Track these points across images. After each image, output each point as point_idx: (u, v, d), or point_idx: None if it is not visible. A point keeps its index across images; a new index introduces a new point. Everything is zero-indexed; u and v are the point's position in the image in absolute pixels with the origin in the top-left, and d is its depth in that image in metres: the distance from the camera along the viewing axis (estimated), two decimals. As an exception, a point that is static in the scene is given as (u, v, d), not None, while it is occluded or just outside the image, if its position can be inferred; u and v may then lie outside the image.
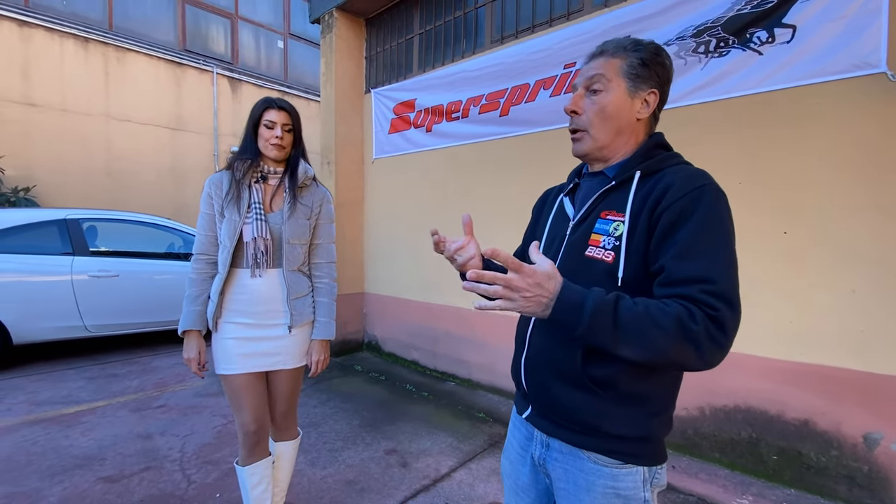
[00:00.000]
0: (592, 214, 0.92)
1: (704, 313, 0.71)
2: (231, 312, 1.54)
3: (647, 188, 0.85)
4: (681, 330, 0.70)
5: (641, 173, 0.88)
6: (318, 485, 2.24)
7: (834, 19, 2.08)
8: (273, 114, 1.52)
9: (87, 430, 2.76)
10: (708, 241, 0.76)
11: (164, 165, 7.04)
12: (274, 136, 1.52)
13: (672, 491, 2.24)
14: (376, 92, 4.47)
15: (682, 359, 0.72)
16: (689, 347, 0.70)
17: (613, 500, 0.88)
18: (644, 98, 0.90)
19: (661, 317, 0.71)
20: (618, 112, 0.90)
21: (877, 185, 2.03)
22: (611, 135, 0.91)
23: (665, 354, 0.71)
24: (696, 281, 0.73)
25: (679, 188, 0.80)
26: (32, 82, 5.91)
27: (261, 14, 8.42)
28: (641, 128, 0.93)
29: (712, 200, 0.79)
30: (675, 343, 0.70)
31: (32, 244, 3.93)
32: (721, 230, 0.78)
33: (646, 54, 0.89)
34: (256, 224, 1.48)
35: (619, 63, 0.89)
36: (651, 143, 0.92)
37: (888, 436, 2.03)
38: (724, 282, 0.73)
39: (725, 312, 0.71)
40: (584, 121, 0.92)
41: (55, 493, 2.10)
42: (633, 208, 0.85)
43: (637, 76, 0.89)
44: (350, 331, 4.70)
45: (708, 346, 0.70)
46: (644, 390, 0.86)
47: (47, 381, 3.64)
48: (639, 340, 0.71)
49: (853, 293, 2.09)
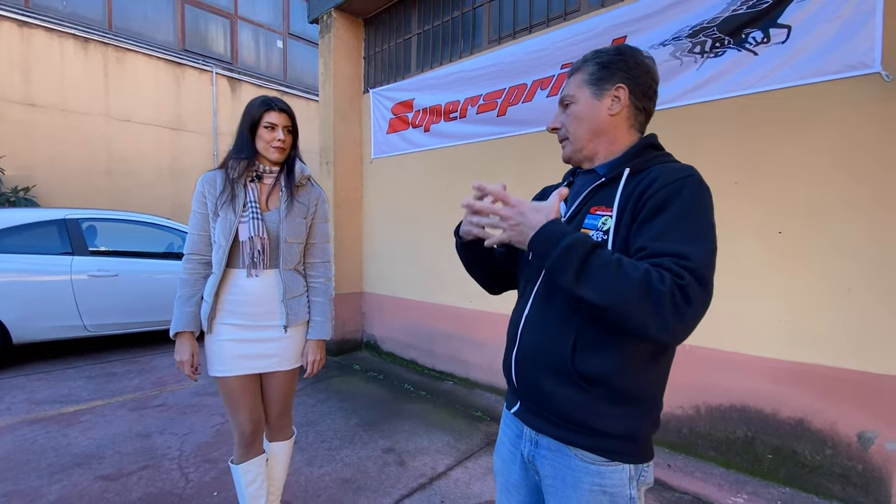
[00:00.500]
0: (583, 210, 0.94)
1: (673, 280, 0.71)
2: (226, 314, 1.53)
3: (634, 184, 0.87)
4: (646, 285, 0.70)
5: (630, 171, 0.89)
6: (314, 483, 2.25)
7: (829, 20, 2.09)
8: (274, 116, 1.51)
9: (86, 429, 2.77)
10: (687, 226, 0.78)
11: (163, 165, 7.05)
12: (276, 138, 1.51)
13: (667, 489, 2.25)
14: (374, 92, 4.48)
15: (642, 316, 0.72)
16: (650, 306, 0.70)
17: (600, 497, 0.90)
18: (612, 95, 0.93)
19: (631, 269, 0.73)
20: (588, 115, 0.94)
21: (872, 184, 2.03)
22: (588, 136, 0.95)
23: (626, 304, 0.71)
24: (671, 255, 0.75)
25: (663, 179, 0.83)
26: (33, 82, 5.92)
27: (260, 14, 8.43)
28: (621, 123, 0.95)
29: (695, 189, 0.81)
30: (637, 296, 0.71)
31: (32, 244, 3.94)
32: (701, 217, 0.80)
33: (604, 58, 0.94)
34: (253, 223, 1.48)
35: (582, 75, 0.96)
36: (642, 143, 0.95)
37: (883, 434, 2.04)
38: (698, 260, 0.74)
39: (694, 286, 0.72)
40: (564, 131, 0.99)
41: (54, 492, 2.11)
42: (621, 203, 0.87)
43: (598, 79, 0.93)
44: (349, 330, 4.71)
45: (670, 310, 0.70)
46: (635, 389, 0.87)
47: (47, 380, 3.66)
48: (600, 282, 0.73)
49: (849, 292, 2.10)
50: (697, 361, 2.53)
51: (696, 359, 2.53)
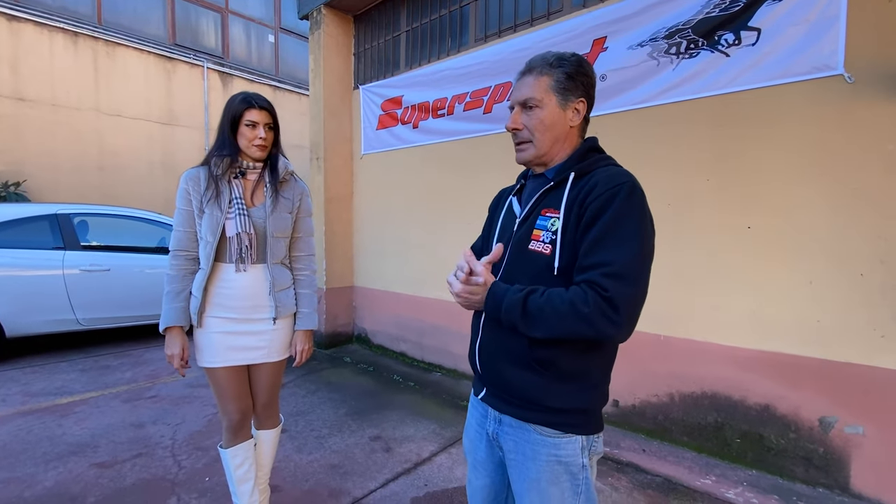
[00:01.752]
0: (535, 212, 1.02)
1: (597, 294, 0.84)
2: (216, 307, 1.59)
3: (578, 188, 0.96)
4: (573, 313, 0.86)
5: (575, 175, 0.98)
6: (303, 469, 2.34)
7: (796, 23, 2.18)
8: (255, 114, 1.55)
9: (81, 420, 2.84)
10: (615, 233, 0.87)
11: (155, 160, 7.06)
12: (258, 136, 1.55)
13: (640, 472, 2.37)
14: (364, 88, 4.53)
15: (581, 334, 0.87)
16: (583, 325, 0.86)
17: (556, 467, 0.99)
18: (574, 107, 1.01)
19: (559, 304, 0.87)
20: (554, 124, 1.00)
21: (833, 183, 2.13)
22: (550, 143, 1.02)
23: (564, 332, 0.88)
24: (597, 266, 0.86)
25: (600, 188, 0.91)
26: (22, 77, 5.90)
27: (252, 8, 8.41)
28: (574, 133, 1.04)
29: (625, 197, 0.89)
30: (570, 323, 0.86)
31: (24, 239, 3.98)
32: (629, 223, 0.89)
33: (570, 68, 1.00)
34: (239, 219, 1.54)
35: (548, 80, 1.00)
36: (585, 148, 1.03)
37: (842, 419, 2.15)
38: (621, 263, 0.84)
39: (618, 290, 0.83)
40: (526, 134, 1.02)
41: (50, 478, 2.19)
42: (567, 205, 0.95)
43: (565, 89, 0.99)
44: (340, 324, 4.79)
45: (603, 322, 0.84)
46: (580, 368, 0.96)
47: (41, 372, 3.72)
48: (542, 324, 0.89)
49: (810, 284, 2.20)
50: (672, 351, 2.64)
51: (672, 349, 2.64)
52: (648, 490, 2.21)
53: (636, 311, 0.87)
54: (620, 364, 3.18)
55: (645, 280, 0.88)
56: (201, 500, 2.04)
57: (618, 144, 2.80)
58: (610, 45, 2.79)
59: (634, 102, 2.72)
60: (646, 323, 2.70)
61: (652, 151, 2.67)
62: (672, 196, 2.61)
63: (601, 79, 2.84)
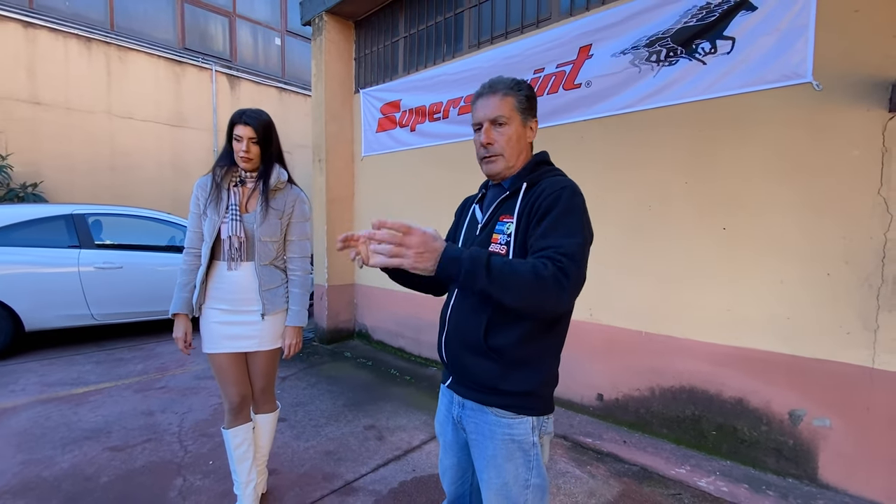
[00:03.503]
0: (494, 219, 1.16)
1: (553, 263, 0.92)
2: (212, 299, 1.79)
3: (529, 196, 1.09)
4: (534, 274, 0.89)
5: (527, 184, 1.11)
6: (300, 455, 2.50)
7: (768, 32, 2.27)
8: (240, 129, 1.71)
9: (95, 408, 3.03)
10: (563, 224, 0.99)
11: (164, 161, 7.28)
12: (241, 149, 1.72)
13: (619, 462, 2.48)
14: (364, 92, 4.67)
15: (538, 297, 0.89)
16: (540, 285, 0.88)
17: (510, 445, 1.12)
18: (531, 126, 1.15)
19: (520, 267, 0.90)
20: (518, 139, 1.14)
21: (801, 186, 2.23)
22: (515, 156, 1.15)
23: (525, 292, 0.89)
24: (550, 247, 0.96)
25: (547, 192, 1.05)
26: (38, 81, 6.14)
27: (258, 12, 8.59)
28: (529, 148, 1.19)
29: (569, 197, 1.02)
30: (530, 284, 0.88)
31: (42, 238, 4.19)
32: (573, 218, 1.01)
33: (528, 91, 1.14)
34: (232, 223, 1.71)
35: (512, 101, 1.12)
36: (535, 160, 1.17)
37: (810, 412, 2.25)
38: (570, 248, 0.95)
39: (570, 265, 0.93)
40: (498, 148, 1.13)
41: (67, 460, 2.37)
42: (520, 212, 1.08)
43: (525, 109, 1.14)
44: (341, 320, 4.95)
45: (554, 287, 0.90)
46: (528, 356, 1.09)
47: (58, 364, 3.93)
48: (504, 282, 0.88)
49: (781, 284, 2.30)
50: (653, 347, 2.75)
51: (653, 345, 2.75)
52: (624, 478, 2.33)
53: (578, 286, 0.96)
54: (604, 359, 3.29)
55: (585, 265, 0.99)
56: (205, 481, 2.20)
57: (602, 149, 2.93)
58: (595, 53, 2.90)
59: (618, 108, 2.82)
60: (627, 319, 2.84)
61: (634, 155, 2.78)
62: (652, 198, 2.72)
63: (586, 85, 2.95)
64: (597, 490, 2.21)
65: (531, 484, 1.12)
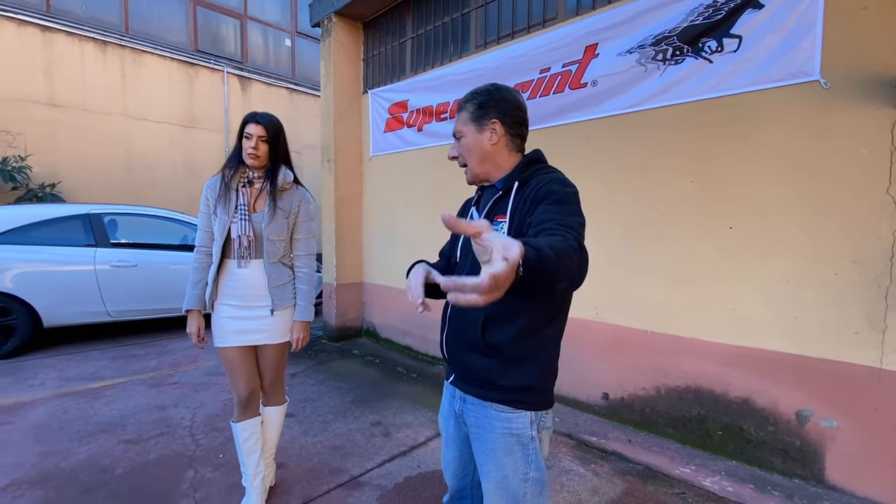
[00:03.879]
0: (488, 219, 1.18)
1: (566, 234, 0.87)
2: (223, 296, 1.84)
3: (521, 194, 1.11)
4: (570, 244, 0.83)
5: (518, 184, 1.13)
6: (307, 450, 2.55)
7: (775, 30, 2.26)
8: (252, 127, 1.78)
9: (110, 402, 3.12)
10: (559, 208, 0.99)
11: (177, 161, 7.41)
12: (250, 146, 1.77)
13: (623, 460, 2.49)
14: (373, 93, 4.71)
15: (577, 263, 0.82)
16: (576, 255, 0.83)
17: (509, 438, 1.14)
18: (490, 128, 1.16)
19: (554, 241, 0.81)
20: (475, 147, 1.18)
21: (809, 185, 2.22)
22: (478, 163, 1.19)
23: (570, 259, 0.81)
24: (552, 220, 0.93)
25: (541, 184, 1.07)
26: (55, 84, 6.29)
27: (269, 13, 8.70)
28: (501, 149, 1.18)
29: (562, 186, 1.05)
30: (573, 252, 0.82)
31: (59, 237, 4.32)
32: (568, 203, 1.01)
33: (480, 98, 1.17)
34: (241, 223, 1.76)
35: (465, 114, 1.19)
36: (526, 160, 1.19)
37: (817, 413, 2.24)
38: (571, 225, 0.92)
39: (576, 237, 0.88)
40: (462, 160, 1.22)
41: (83, 452, 2.45)
42: (512, 211, 1.11)
43: (477, 117, 1.17)
44: (350, 318, 5.01)
45: (579, 256, 0.84)
46: (524, 351, 1.12)
47: (75, 359, 4.04)
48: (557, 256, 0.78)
49: (788, 283, 2.29)
50: (659, 347, 2.75)
51: (659, 344, 2.75)
52: (628, 476, 2.33)
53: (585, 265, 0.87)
54: (610, 358, 3.29)
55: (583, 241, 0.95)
56: (215, 473, 2.26)
57: (608, 148, 2.93)
58: (601, 52, 2.90)
59: (624, 107, 2.82)
60: (633, 319, 2.84)
61: (640, 155, 2.78)
62: (658, 197, 2.72)
63: (592, 84, 2.95)
64: (600, 488, 2.22)
65: (530, 477, 1.14)
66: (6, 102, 5.91)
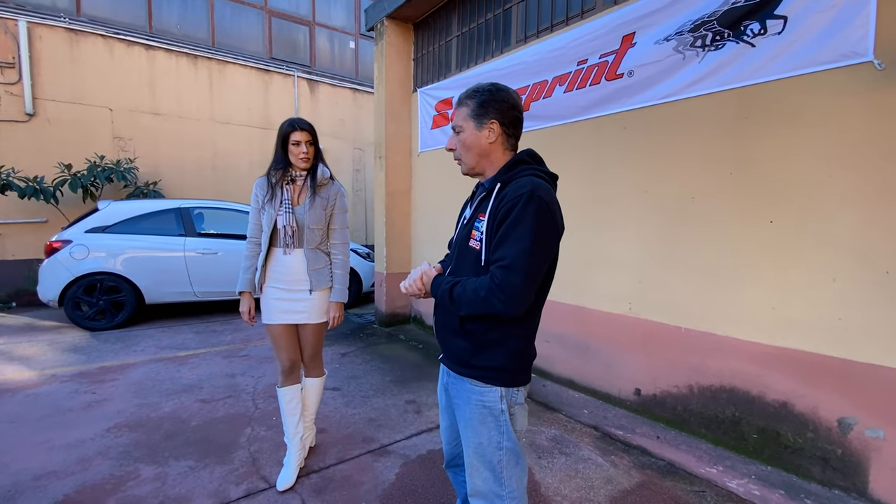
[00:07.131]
0: (474, 216, 1.31)
1: (490, 283, 1.12)
2: (271, 279, 2.13)
3: (499, 196, 1.21)
4: (476, 296, 1.16)
5: (500, 185, 1.24)
6: (347, 419, 2.84)
7: (823, 9, 2.09)
8: (298, 134, 2.03)
9: (192, 368, 3.67)
10: (511, 234, 1.12)
11: (255, 160, 8.21)
12: (301, 152, 2.04)
13: (645, 455, 2.48)
14: (421, 91, 4.92)
15: (485, 310, 1.15)
16: (484, 305, 1.14)
17: (482, 409, 1.28)
18: (488, 127, 1.25)
19: (469, 291, 1.17)
20: (473, 143, 1.27)
21: (859, 176, 2.04)
22: (475, 159, 1.30)
23: (476, 309, 1.17)
24: (496, 260, 1.13)
25: (508, 197, 1.16)
26: (157, 96, 7.27)
27: (335, 18, 9.25)
28: (497, 147, 1.29)
29: (523, 206, 1.12)
30: (477, 304, 1.16)
31: (157, 227, 5.08)
32: (523, 226, 1.12)
33: (481, 98, 1.25)
34: (286, 215, 2.04)
35: (465, 110, 1.27)
36: (513, 161, 1.28)
37: (862, 421, 2.08)
38: (511, 259, 1.10)
39: (504, 279, 1.10)
40: (458, 153, 1.32)
41: (169, 406, 2.95)
42: (490, 212, 1.22)
43: (478, 115, 1.25)
44: (398, 306, 5.32)
45: (495, 302, 1.12)
46: (493, 339, 1.24)
47: (168, 332, 4.76)
48: (462, 305, 1.20)
49: (833, 282, 2.13)
50: (692, 344, 2.67)
51: (692, 341, 2.68)
52: (647, 470, 2.33)
53: (519, 293, 1.11)
54: (643, 354, 3.26)
55: (530, 270, 1.11)
56: (268, 432, 2.62)
57: (644, 139, 2.87)
58: (638, 41, 2.83)
59: (661, 97, 2.75)
60: (667, 314, 2.79)
61: (676, 146, 2.70)
62: (696, 190, 2.62)
63: (629, 74, 2.90)
64: (615, 478, 2.25)
65: (503, 447, 1.27)
66: (121, 113, 6.96)
